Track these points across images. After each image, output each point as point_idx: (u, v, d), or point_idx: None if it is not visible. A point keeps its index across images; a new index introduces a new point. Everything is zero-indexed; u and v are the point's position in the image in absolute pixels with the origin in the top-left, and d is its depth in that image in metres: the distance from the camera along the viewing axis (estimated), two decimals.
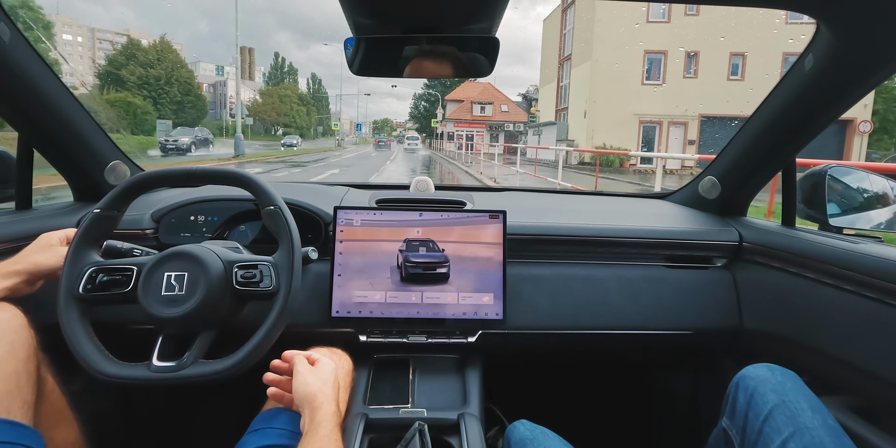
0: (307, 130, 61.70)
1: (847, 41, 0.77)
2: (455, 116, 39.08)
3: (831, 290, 0.91)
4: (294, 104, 58.52)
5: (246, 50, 70.35)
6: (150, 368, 0.72)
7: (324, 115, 74.66)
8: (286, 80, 68.87)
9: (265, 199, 0.82)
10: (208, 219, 1.08)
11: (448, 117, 39.36)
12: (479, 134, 37.51)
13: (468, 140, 32.34)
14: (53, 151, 1.09)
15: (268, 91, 58.85)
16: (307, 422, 0.67)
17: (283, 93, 58.09)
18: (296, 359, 0.77)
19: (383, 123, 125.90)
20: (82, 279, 0.77)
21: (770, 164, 1.10)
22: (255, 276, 0.78)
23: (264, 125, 53.89)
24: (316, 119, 68.27)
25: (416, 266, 1.00)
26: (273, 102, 55.82)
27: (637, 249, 1.14)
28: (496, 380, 1.09)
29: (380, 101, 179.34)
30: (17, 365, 0.69)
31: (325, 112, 76.19)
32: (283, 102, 55.85)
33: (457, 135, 36.74)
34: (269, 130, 55.81)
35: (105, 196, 0.83)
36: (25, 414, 0.67)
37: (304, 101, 63.03)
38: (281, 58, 72.26)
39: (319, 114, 72.98)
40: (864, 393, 0.85)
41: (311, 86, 77.00)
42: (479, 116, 39.05)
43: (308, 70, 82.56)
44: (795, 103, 0.95)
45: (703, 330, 1.09)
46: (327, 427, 0.65)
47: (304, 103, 62.66)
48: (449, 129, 38.41)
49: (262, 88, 61.32)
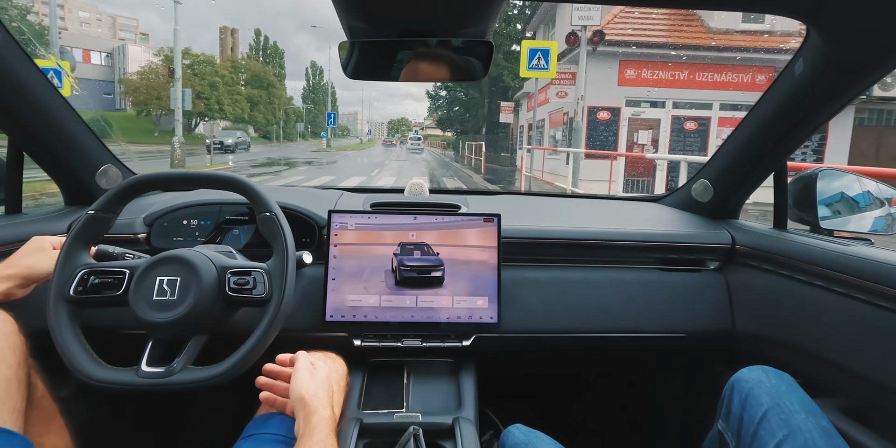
0: (269, 127, 43.67)
1: (837, 46, 0.78)
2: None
3: (823, 292, 0.91)
4: (236, 85, 36.01)
5: (228, 31, 55.24)
6: (139, 374, 0.71)
7: (315, 113, 62.99)
8: (270, 64, 51.39)
9: (261, 205, 0.81)
10: (201, 223, 1.07)
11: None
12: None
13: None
14: (44, 155, 1.08)
15: (166, 59, 28.13)
16: (301, 425, 0.66)
17: (204, 68, 31.97)
18: (300, 359, 0.77)
19: (399, 123, 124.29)
20: (73, 281, 0.76)
21: (762, 167, 1.11)
22: (248, 283, 0.77)
23: (153, 111, 28.81)
24: (299, 113, 51.62)
25: (411, 270, 1.00)
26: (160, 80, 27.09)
27: (630, 252, 1.14)
28: (491, 384, 1.09)
29: (399, 103, 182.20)
30: (7, 371, 0.68)
31: (326, 110, 61.27)
32: (203, 79, 30.92)
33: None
34: (191, 122, 31.03)
35: (100, 198, 0.82)
36: (15, 421, 0.66)
37: (262, 83, 41.32)
38: (263, 36, 54.19)
39: (315, 111, 63.01)
40: (857, 395, 0.86)
41: (309, 75, 66.74)
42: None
43: (327, 71, 73.01)
44: (786, 107, 0.96)
45: (697, 333, 1.09)
46: (323, 432, 0.65)
47: (266, 86, 41.79)
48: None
49: (166, 53, 29.53)
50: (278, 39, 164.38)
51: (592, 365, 1.42)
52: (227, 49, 55.52)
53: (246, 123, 39.95)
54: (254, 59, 50.55)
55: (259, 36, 54.49)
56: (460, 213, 1.08)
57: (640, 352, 1.27)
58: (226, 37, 55.01)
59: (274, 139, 45.18)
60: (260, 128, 43.88)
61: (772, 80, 0.97)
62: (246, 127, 39.56)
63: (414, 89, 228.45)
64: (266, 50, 54.62)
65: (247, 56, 52.28)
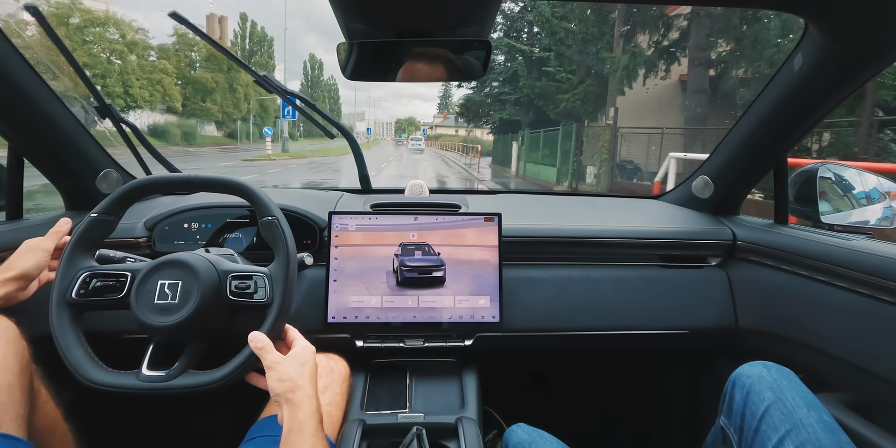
0: (233, 123, 34.34)
1: (835, 40, 0.78)
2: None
3: (824, 286, 0.91)
4: (164, 61, 26.87)
5: (216, 19, 47.56)
6: (140, 377, 0.71)
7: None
8: (258, 52, 44.38)
9: (263, 209, 0.81)
10: (202, 226, 1.07)
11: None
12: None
13: None
14: (44, 160, 1.08)
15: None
16: (286, 418, 0.64)
17: (99, 31, 23.49)
18: (262, 356, 0.69)
19: (407, 123, 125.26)
20: (76, 284, 0.76)
21: (762, 163, 1.11)
22: (250, 287, 0.77)
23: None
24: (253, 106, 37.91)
25: (412, 270, 1.00)
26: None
27: (632, 250, 1.14)
28: (494, 383, 1.09)
29: (407, 104, 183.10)
30: (10, 377, 0.68)
31: (326, 108, 61.62)
32: (97, 45, 22.94)
33: None
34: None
35: (102, 201, 0.82)
36: (19, 426, 0.66)
37: (219, 65, 31.40)
38: (250, 21, 45.22)
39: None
40: (859, 389, 0.86)
41: (308, 70, 62.14)
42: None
43: (335, 72, 66.88)
44: (785, 102, 0.96)
45: (699, 329, 1.09)
46: (312, 426, 0.63)
47: (227, 70, 31.99)
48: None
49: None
50: (279, 37, 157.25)
51: (595, 363, 1.42)
52: (214, 37, 51.15)
53: (189, 115, 29.78)
54: (236, 47, 42.42)
55: (245, 21, 46.22)
56: (461, 213, 1.08)
57: (642, 349, 1.27)
58: (212, 25, 48.08)
59: (241, 139, 34.38)
60: (222, 124, 34.11)
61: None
62: (190, 121, 29.74)
63: (422, 90, 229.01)
64: (253, 37, 45.86)
65: (231, 44, 42.68)
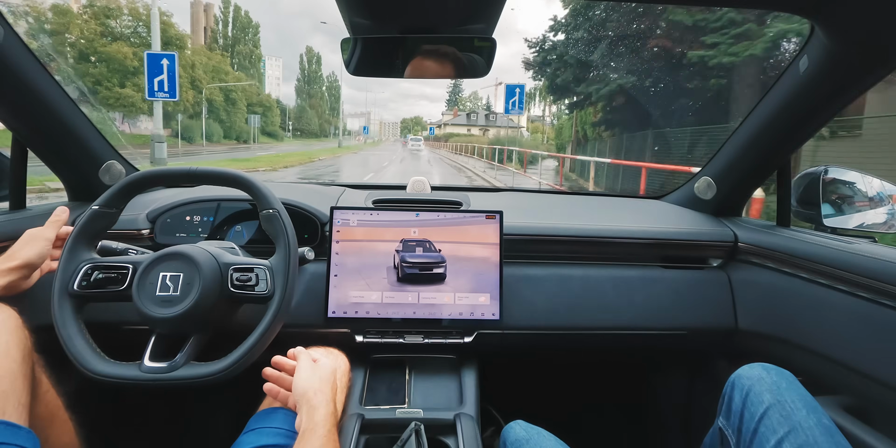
0: (188, 119, 27.82)
1: (841, 42, 0.77)
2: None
3: (825, 290, 0.91)
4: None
5: (200, 6, 43.27)
6: (141, 369, 0.72)
7: (303, 108, 50.69)
8: (242, 40, 40.93)
9: (264, 202, 0.82)
10: (204, 219, 1.08)
11: None
12: None
13: None
14: (48, 151, 1.08)
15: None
16: (304, 420, 0.67)
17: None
18: (300, 355, 0.78)
19: (413, 122, 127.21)
20: (77, 276, 0.77)
21: (765, 165, 1.11)
22: (251, 280, 0.78)
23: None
24: (268, 103, 37.10)
25: (413, 266, 1.00)
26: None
27: (633, 250, 1.14)
28: (492, 380, 1.10)
29: (414, 104, 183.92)
30: (13, 366, 0.69)
31: (325, 106, 51.44)
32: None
33: None
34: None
35: (104, 193, 0.83)
36: (21, 415, 0.67)
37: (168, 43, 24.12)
38: (234, 6, 42.02)
39: (306, 106, 51.67)
40: (859, 392, 0.86)
41: (304, 64, 57.86)
42: None
43: (337, 70, 63.37)
44: (790, 104, 0.96)
45: (698, 330, 1.09)
46: (325, 427, 0.65)
47: (177, 47, 24.79)
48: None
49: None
50: (293, 41, 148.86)
51: (594, 362, 1.42)
52: (199, 28, 43.49)
53: (116, 107, 23.06)
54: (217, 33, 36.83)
55: (228, 5, 42.25)
56: (462, 210, 1.08)
57: (641, 349, 1.27)
58: (197, 12, 44.69)
59: (198, 139, 27.59)
60: (167, 122, 25.19)
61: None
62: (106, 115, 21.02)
63: (428, 90, 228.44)
64: (236, 22, 41.50)
65: (211, 31, 38.11)
